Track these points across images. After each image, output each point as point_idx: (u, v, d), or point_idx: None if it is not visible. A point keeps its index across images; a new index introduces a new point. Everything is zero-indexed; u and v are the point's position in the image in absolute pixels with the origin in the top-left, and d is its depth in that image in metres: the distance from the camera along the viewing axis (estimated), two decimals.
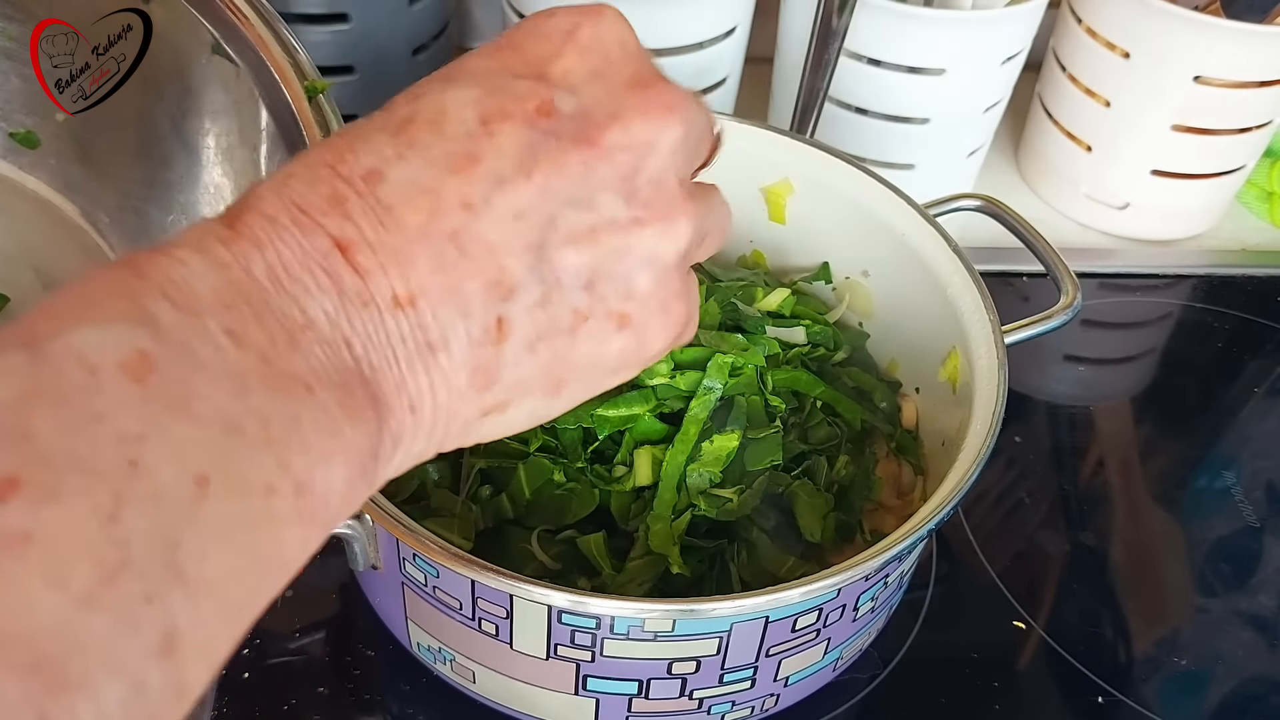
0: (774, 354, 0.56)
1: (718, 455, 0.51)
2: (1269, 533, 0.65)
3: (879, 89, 0.74)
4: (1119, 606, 0.61)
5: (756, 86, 0.86)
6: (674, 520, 0.50)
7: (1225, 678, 0.58)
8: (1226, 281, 0.82)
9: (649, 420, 0.52)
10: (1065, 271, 0.58)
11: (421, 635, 0.50)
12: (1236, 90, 0.75)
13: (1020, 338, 0.55)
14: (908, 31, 0.71)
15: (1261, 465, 0.69)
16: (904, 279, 0.59)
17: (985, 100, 0.77)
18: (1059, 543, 0.64)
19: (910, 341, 0.60)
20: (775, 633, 0.45)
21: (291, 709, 0.53)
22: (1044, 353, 0.75)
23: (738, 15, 0.74)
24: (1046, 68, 0.85)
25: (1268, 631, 0.61)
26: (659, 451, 0.51)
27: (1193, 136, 0.78)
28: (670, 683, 0.46)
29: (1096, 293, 0.80)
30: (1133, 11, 0.74)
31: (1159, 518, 0.66)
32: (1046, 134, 0.85)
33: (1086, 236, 0.85)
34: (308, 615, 0.57)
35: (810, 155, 0.61)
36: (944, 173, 0.80)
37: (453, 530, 0.50)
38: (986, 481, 0.67)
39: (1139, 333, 0.80)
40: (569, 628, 0.44)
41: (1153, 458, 0.70)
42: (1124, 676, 0.58)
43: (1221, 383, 0.75)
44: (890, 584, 0.50)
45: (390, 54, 0.75)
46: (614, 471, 0.52)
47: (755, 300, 0.59)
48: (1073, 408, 0.72)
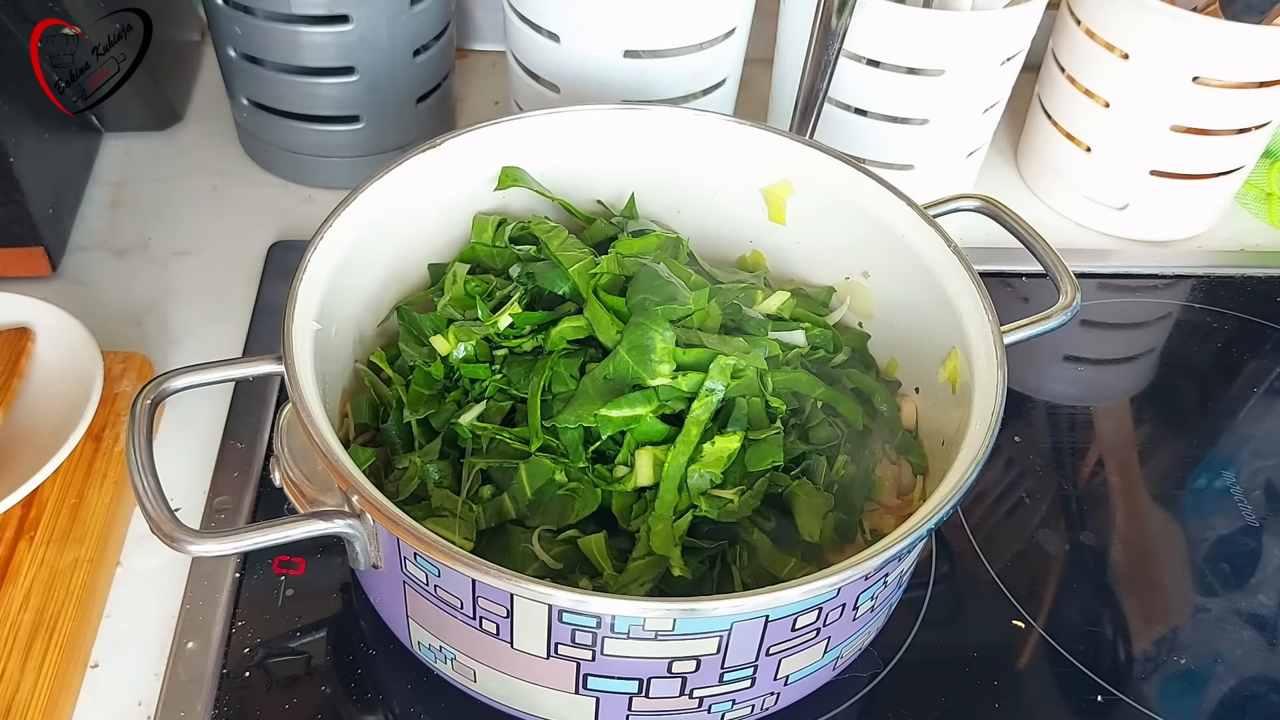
0: (774, 355, 0.56)
1: (719, 456, 0.51)
2: (1268, 532, 0.65)
3: (878, 90, 0.75)
4: (1119, 606, 0.61)
5: (756, 87, 0.86)
6: (675, 521, 0.50)
7: (1225, 677, 0.59)
8: (1225, 282, 0.82)
9: (650, 421, 0.52)
10: (1064, 272, 0.58)
11: (422, 634, 0.50)
12: (1235, 91, 0.75)
13: (1020, 338, 0.55)
14: (907, 32, 0.71)
15: (1261, 465, 0.69)
16: (904, 279, 0.59)
17: (984, 101, 0.77)
18: (1059, 542, 0.64)
19: (910, 342, 0.60)
20: (775, 632, 0.45)
21: (293, 708, 0.53)
22: (1044, 353, 0.75)
23: (738, 16, 0.74)
24: (1046, 68, 0.85)
25: (1267, 631, 0.61)
26: (660, 452, 0.51)
27: (1192, 137, 0.78)
28: (670, 681, 0.46)
29: (1096, 293, 0.80)
30: (1132, 12, 0.74)
31: (1159, 517, 0.66)
32: (1046, 135, 0.85)
33: (1086, 237, 0.85)
34: (309, 615, 0.57)
35: (810, 155, 0.61)
36: (943, 173, 0.80)
37: (454, 530, 0.50)
38: (986, 481, 0.67)
39: (1138, 333, 0.80)
40: (569, 627, 0.44)
41: (1152, 458, 0.70)
42: (1123, 675, 0.58)
43: (1221, 383, 0.75)
44: (890, 583, 0.50)
45: (391, 55, 0.75)
46: (615, 472, 0.52)
47: (755, 303, 0.59)
48: (1072, 408, 0.72)
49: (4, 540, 0.56)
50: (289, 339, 0.49)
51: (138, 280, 0.74)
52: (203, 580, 0.58)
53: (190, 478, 0.63)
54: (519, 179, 0.61)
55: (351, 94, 0.76)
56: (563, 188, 0.64)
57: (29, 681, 0.52)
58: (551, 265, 0.58)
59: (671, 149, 0.63)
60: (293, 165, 0.81)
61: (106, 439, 0.61)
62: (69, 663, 0.53)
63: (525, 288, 0.58)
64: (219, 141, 0.85)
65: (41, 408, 0.61)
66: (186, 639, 0.55)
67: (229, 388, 0.67)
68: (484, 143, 0.60)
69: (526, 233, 0.61)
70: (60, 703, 0.52)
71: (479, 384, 0.55)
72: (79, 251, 0.76)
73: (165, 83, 0.83)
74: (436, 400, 0.55)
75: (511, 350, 0.55)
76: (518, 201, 0.63)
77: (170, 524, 0.44)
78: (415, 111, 0.80)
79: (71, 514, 0.58)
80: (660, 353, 0.52)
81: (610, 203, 0.65)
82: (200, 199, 0.81)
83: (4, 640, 0.53)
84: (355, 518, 0.46)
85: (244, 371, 0.50)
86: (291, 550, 0.59)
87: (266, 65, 0.75)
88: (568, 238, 0.59)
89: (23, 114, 0.68)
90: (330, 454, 0.45)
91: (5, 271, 0.71)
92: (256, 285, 0.74)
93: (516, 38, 0.76)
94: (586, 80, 0.73)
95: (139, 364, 0.66)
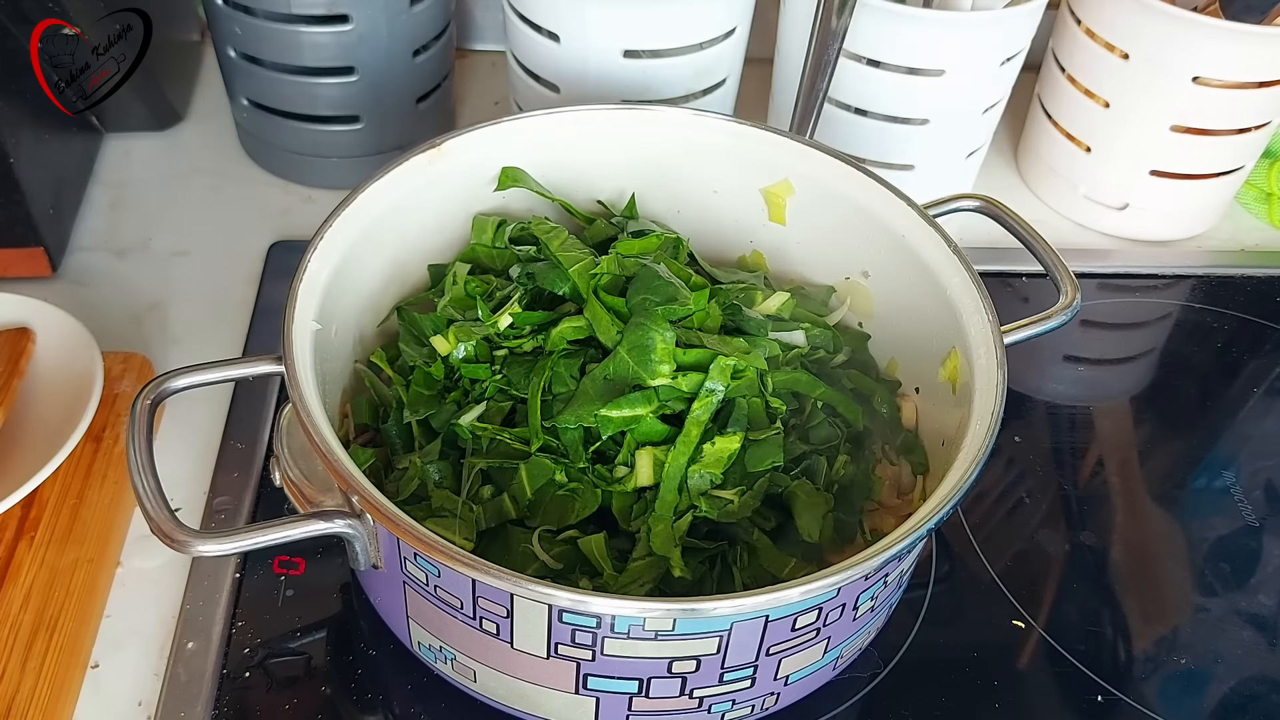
0: (774, 356, 0.56)
1: (719, 457, 0.51)
2: (1268, 532, 0.65)
3: (878, 90, 0.75)
4: (1119, 606, 0.61)
5: (756, 87, 0.86)
6: (675, 521, 0.50)
7: (1225, 677, 0.59)
8: (1225, 282, 0.82)
9: (651, 421, 0.52)
10: (1064, 272, 0.58)
11: (422, 634, 0.50)
12: (1235, 91, 0.75)
13: (1020, 338, 0.55)
14: (907, 33, 0.71)
15: (1261, 465, 0.69)
16: (904, 279, 0.59)
17: (984, 101, 0.77)
18: (1059, 542, 0.64)
19: (910, 341, 0.60)
20: (775, 632, 0.45)
21: (293, 708, 0.53)
22: (1044, 353, 0.75)
23: (738, 16, 0.74)
24: (1046, 68, 0.85)
25: (1267, 630, 0.61)
26: (660, 452, 0.51)
27: (1191, 137, 0.78)
28: (670, 681, 0.46)
29: (1096, 293, 0.80)
30: (1132, 13, 0.74)
31: (1159, 517, 0.66)
32: (1046, 135, 0.85)
33: (1085, 237, 0.85)
34: (309, 615, 0.57)
35: (810, 156, 0.61)
36: (943, 173, 0.81)
37: (454, 531, 0.50)
38: (986, 481, 0.67)
39: (1138, 333, 0.80)
40: (569, 627, 0.44)
41: (1152, 458, 0.70)
42: (1124, 675, 0.58)
43: (1221, 383, 0.75)
44: (890, 583, 0.50)
45: (391, 55, 0.75)
46: (615, 472, 0.52)
47: (755, 304, 0.59)
48: (1072, 408, 0.72)
49: (4, 540, 0.56)
50: (289, 339, 0.49)
51: (138, 280, 0.74)
52: (203, 580, 0.58)
53: (190, 478, 0.63)
54: (519, 179, 0.62)
55: (351, 94, 0.76)
56: (563, 187, 0.64)
57: (29, 681, 0.52)
58: (552, 265, 0.58)
59: (671, 149, 0.63)
60: (293, 165, 0.81)
61: (106, 439, 0.61)
62: (69, 663, 0.53)
63: (525, 288, 0.58)
64: (219, 141, 0.85)
65: (42, 408, 0.61)
66: (186, 639, 0.55)
67: (229, 388, 0.67)
68: (484, 143, 0.60)
69: (526, 233, 0.61)
70: (60, 703, 0.52)
71: (479, 384, 0.55)
72: (79, 252, 0.76)
73: (165, 83, 0.83)
74: (436, 401, 0.55)
75: (512, 351, 0.55)
76: (518, 202, 0.63)
77: (170, 524, 0.44)
78: (415, 111, 0.80)
79: (72, 514, 0.58)
80: (660, 353, 0.52)
81: (610, 202, 0.65)
82: (200, 199, 0.81)
83: (4, 640, 0.53)
84: (355, 518, 0.46)
85: (244, 371, 0.50)
86: (291, 550, 0.59)
87: (266, 65, 0.75)
88: (568, 238, 0.59)
89: (23, 114, 0.68)
90: (330, 454, 0.45)
91: (5, 272, 0.71)
92: (256, 285, 0.74)
93: (516, 38, 0.76)
94: (586, 80, 0.73)
95: (139, 364, 0.66)
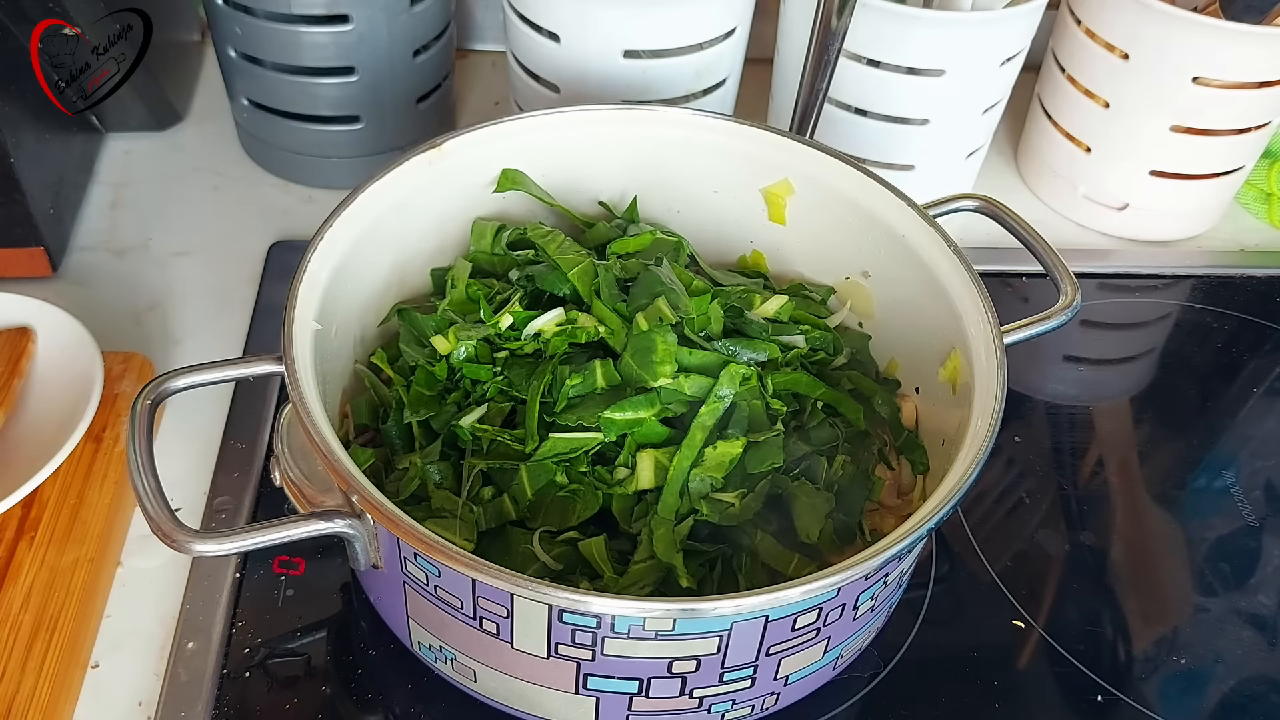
0: (774, 358, 0.56)
1: (720, 461, 0.51)
2: (1268, 532, 0.65)
3: (878, 90, 0.75)
4: (1119, 606, 0.61)
5: (756, 87, 0.86)
6: (676, 525, 0.50)
7: (1225, 677, 0.59)
8: (1225, 282, 0.82)
9: (651, 423, 0.52)
10: (1064, 272, 0.58)
11: (422, 634, 0.50)
12: (1235, 91, 0.75)
13: (1020, 338, 0.55)
14: (907, 33, 0.71)
15: (1260, 465, 0.69)
16: (904, 279, 0.59)
17: (984, 101, 0.77)
18: (1059, 542, 0.64)
19: (910, 342, 0.60)
20: (775, 632, 0.45)
21: (293, 708, 0.53)
22: (1044, 353, 0.75)
23: (738, 16, 0.74)
24: (1046, 69, 0.85)
25: (1267, 630, 0.61)
26: (661, 455, 0.51)
27: (1191, 137, 0.78)
28: (670, 681, 0.46)
29: (1096, 293, 0.80)
30: (1132, 13, 0.74)
31: (1158, 517, 0.66)
32: (1046, 135, 0.85)
33: (1085, 237, 0.85)
34: (309, 615, 0.57)
35: (810, 156, 0.61)
36: (943, 173, 0.81)
37: (454, 531, 0.50)
38: (986, 481, 0.67)
39: (1138, 333, 0.80)
40: (569, 627, 0.44)
41: (1152, 458, 0.70)
42: (1124, 675, 0.58)
43: (1220, 383, 0.75)
44: (890, 583, 0.50)
45: (391, 55, 0.75)
46: (615, 474, 0.52)
47: (754, 306, 0.59)
48: (1072, 408, 0.72)
49: (4, 540, 0.56)
50: (289, 339, 0.49)
51: (138, 280, 0.74)
52: (203, 580, 0.58)
53: (190, 478, 0.63)
54: (519, 182, 0.61)
55: (351, 94, 0.76)
56: (562, 187, 0.64)
57: (29, 681, 0.52)
58: (551, 268, 0.58)
59: (671, 149, 0.63)
60: (293, 165, 0.81)
61: (107, 439, 0.61)
62: (69, 663, 0.53)
63: (525, 289, 0.58)
64: (219, 141, 0.85)
65: (42, 408, 0.61)
66: (186, 639, 0.55)
67: (229, 388, 0.67)
68: (484, 142, 0.60)
69: (525, 238, 0.61)
70: (60, 703, 0.52)
71: (480, 385, 0.55)
72: (79, 252, 0.76)
73: (165, 83, 0.83)
74: (437, 401, 0.55)
75: (513, 352, 0.55)
76: (517, 204, 0.63)
77: (170, 524, 0.44)
78: (415, 111, 0.80)
79: (72, 514, 0.58)
80: (661, 354, 0.52)
81: (611, 203, 0.65)
82: (200, 199, 0.81)
83: (4, 640, 0.53)
84: (355, 518, 0.46)
85: (244, 371, 0.50)
86: (291, 550, 0.59)
87: (266, 65, 0.75)
88: (565, 241, 0.59)
89: (23, 114, 0.68)
90: (330, 454, 0.45)
91: (5, 272, 0.71)
92: (256, 285, 0.74)
93: (516, 38, 0.76)
94: (586, 80, 0.73)
95: (139, 364, 0.66)
